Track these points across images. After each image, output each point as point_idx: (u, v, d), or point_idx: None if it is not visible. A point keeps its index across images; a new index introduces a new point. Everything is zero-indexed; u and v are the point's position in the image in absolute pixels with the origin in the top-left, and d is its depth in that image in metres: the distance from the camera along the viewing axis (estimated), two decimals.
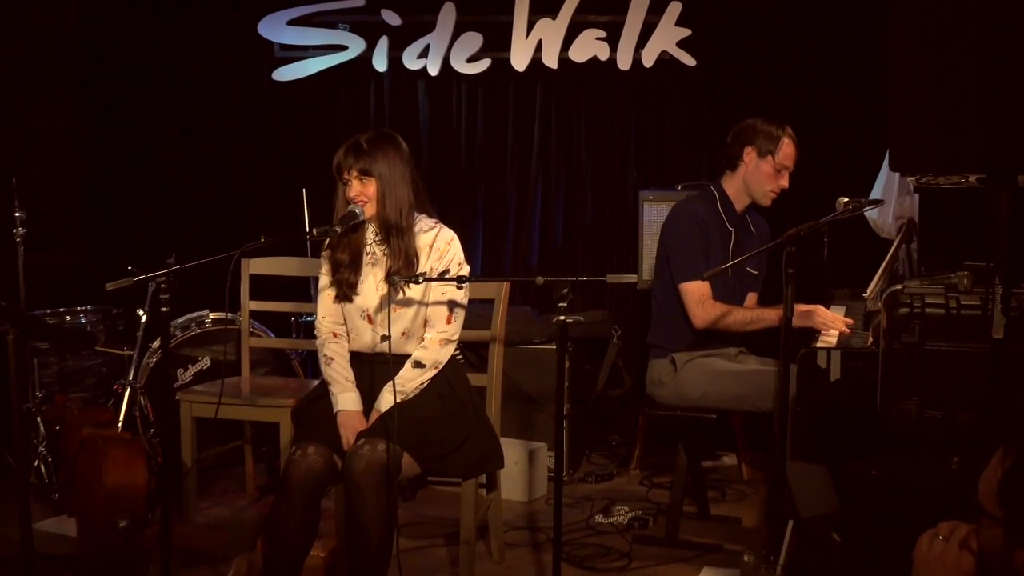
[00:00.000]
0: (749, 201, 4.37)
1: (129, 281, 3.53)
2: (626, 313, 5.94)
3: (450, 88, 6.15)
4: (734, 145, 4.33)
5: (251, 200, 6.31)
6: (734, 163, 4.34)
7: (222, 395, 4.05)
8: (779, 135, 4.27)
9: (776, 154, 4.27)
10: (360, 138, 3.61)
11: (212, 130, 6.30)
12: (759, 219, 4.48)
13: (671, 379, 4.30)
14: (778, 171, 4.29)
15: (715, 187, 4.40)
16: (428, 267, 3.61)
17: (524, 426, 5.10)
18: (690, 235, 4.26)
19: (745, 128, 4.32)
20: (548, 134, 6.10)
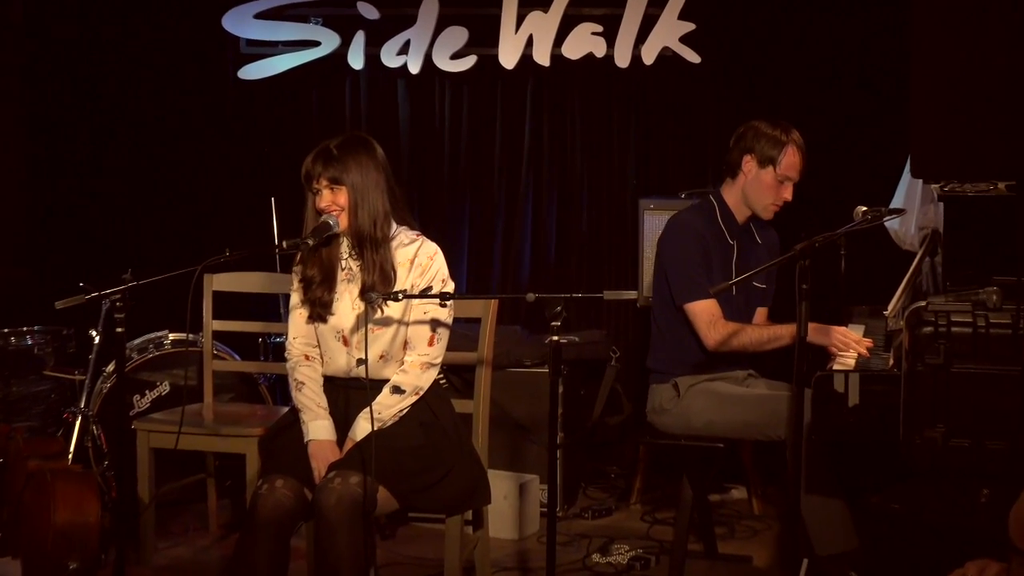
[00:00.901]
0: (751, 212, 4.37)
1: (81, 299, 3.54)
2: (625, 333, 5.94)
3: (432, 87, 6.16)
4: (734, 151, 4.32)
5: (215, 210, 6.31)
6: (734, 171, 4.33)
7: (183, 424, 4.04)
8: (783, 141, 4.24)
9: (778, 164, 4.23)
10: (330, 144, 3.62)
11: (172, 134, 6.30)
12: (765, 228, 4.47)
13: (674, 405, 4.29)
14: (780, 182, 4.27)
15: (714, 196, 4.39)
16: (409, 284, 3.62)
17: (514, 457, 5.09)
18: (689, 250, 4.25)
19: (746, 132, 4.30)
20: (540, 137, 6.11)
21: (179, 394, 5.08)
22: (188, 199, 6.32)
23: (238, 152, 6.32)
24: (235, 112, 6.32)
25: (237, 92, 6.28)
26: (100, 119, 6.31)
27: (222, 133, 6.32)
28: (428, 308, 3.65)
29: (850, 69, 5.68)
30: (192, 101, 6.30)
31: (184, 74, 6.29)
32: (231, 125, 6.33)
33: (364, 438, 3.56)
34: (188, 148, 6.31)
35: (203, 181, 6.33)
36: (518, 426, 5.13)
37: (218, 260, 3.58)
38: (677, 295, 4.25)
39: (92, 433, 5.01)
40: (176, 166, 6.32)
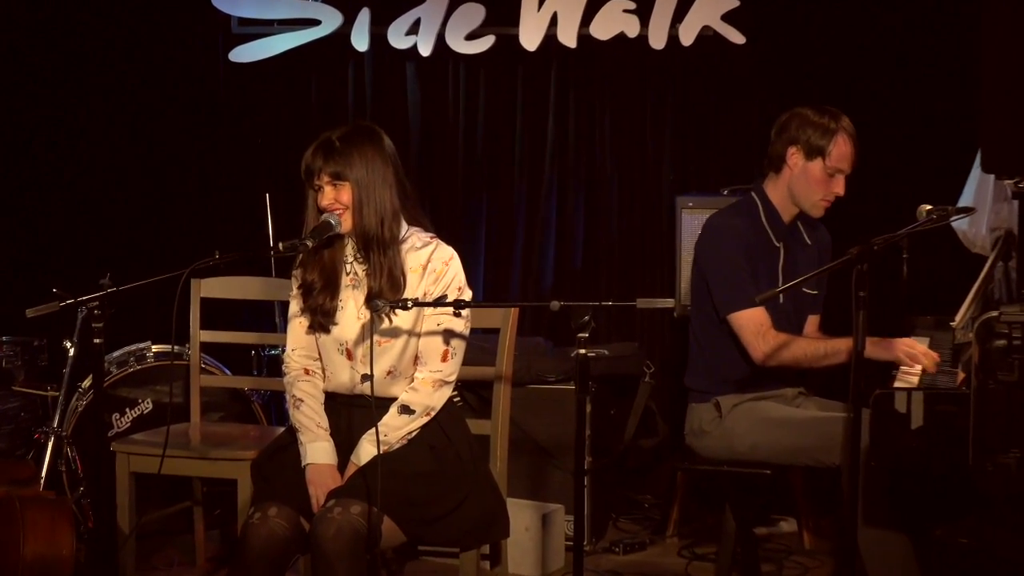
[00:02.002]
0: (798, 210, 4.36)
1: (54, 306, 3.55)
2: (661, 346, 5.94)
3: (446, 72, 6.17)
4: (777, 142, 4.31)
5: (203, 208, 6.33)
6: (777, 165, 4.31)
7: (167, 446, 4.05)
8: (832, 129, 4.21)
9: (828, 155, 4.21)
10: (332, 135, 3.63)
11: (155, 123, 6.32)
12: (815, 227, 4.45)
13: (715, 427, 4.29)
14: (830, 175, 4.26)
15: (757, 194, 4.37)
16: (421, 292, 3.62)
17: (536, 484, 5.10)
18: (732, 254, 4.24)
19: (790, 121, 4.27)
20: (565, 128, 6.11)
21: (163, 413, 5.09)
22: (173, 196, 6.35)
23: (229, 144, 6.34)
24: (225, 99, 6.34)
25: (228, 76, 6.30)
26: (73, 106, 6.33)
27: (211, 122, 6.35)
28: (441, 318, 3.65)
29: (913, 51, 5.67)
30: (177, 86, 6.32)
31: (168, 56, 6.31)
32: (221, 113, 6.35)
33: (368, 463, 3.56)
34: (173, 139, 6.33)
35: (190, 176, 6.35)
36: (540, 450, 5.13)
37: (207, 263, 3.59)
38: (720, 305, 4.24)
39: (66, 456, 5.03)
40: (159, 159, 6.34)
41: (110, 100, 6.32)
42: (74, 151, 6.36)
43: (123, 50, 6.30)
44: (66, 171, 6.35)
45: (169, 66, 6.31)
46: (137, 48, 6.30)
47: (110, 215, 6.34)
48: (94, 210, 6.35)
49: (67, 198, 6.36)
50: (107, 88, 6.31)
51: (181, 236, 6.22)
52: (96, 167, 6.35)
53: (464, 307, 3.57)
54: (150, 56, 6.30)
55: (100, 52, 6.30)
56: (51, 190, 6.37)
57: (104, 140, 6.35)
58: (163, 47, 6.30)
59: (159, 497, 4.86)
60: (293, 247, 3.57)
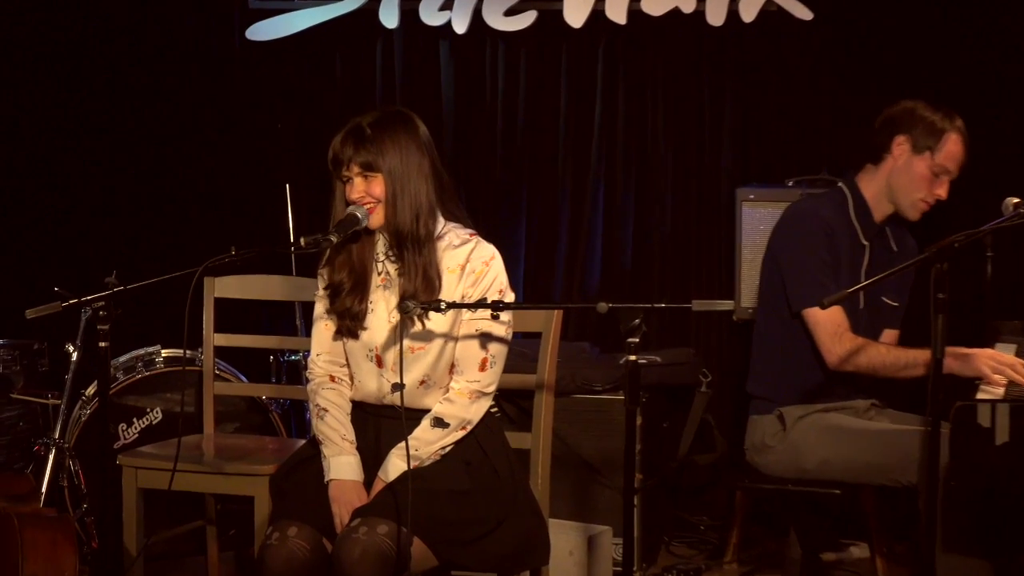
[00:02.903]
0: (892, 209, 4.35)
1: (56, 306, 3.57)
2: (719, 352, 5.92)
3: (483, 51, 6.17)
4: (882, 131, 4.32)
5: (217, 201, 6.35)
6: (878, 155, 4.32)
7: (178, 459, 4.07)
8: (945, 128, 4.25)
9: (937, 151, 4.24)
10: (363, 121, 3.63)
11: (164, 109, 6.35)
12: (903, 234, 4.46)
13: (779, 441, 4.28)
14: (936, 175, 4.27)
15: (848, 186, 4.38)
16: (459, 295, 3.63)
17: (581, 504, 5.09)
18: (815, 245, 4.25)
19: (900, 113, 4.31)
20: (614, 113, 6.10)
21: (174, 423, 5.11)
22: (185, 187, 6.37)
23: (245, 130, 6.36)
24: (241, 81, 6.36)
25: (244, 56, 6.32)
26: (80, 89, 6.37)
27: (225, 107, 6.36)
28: (480, 322, 3.65)
29: (997, 29, 5.62)
30: (188, 67, 6.34)
31: (179, 34, 6.34)
32: (236, 97, 6.36)
33: (398, 479, 3.57)
34: (184, 126, 6.36)
35: (202, 166, 6.37)
36: (586, 466, 5.13)
37: (222, 260, 3.60)
38: (795, 299, 4.25)
39: (69, 469, 5.06)
40: (169, 147, 6.37)
41: (114, 83, 6.35)
42: (77, 140, 6.38)
43: (129, 28, 6.33)
44: (68, 161, 6.39)
45: (179, 45, 6.33)
46: (144, 25, 6.32)
47: (116, 208, 6.37)
48: (99, 203, 6.38)
49: (69, 190, 6.40)
50: (111, 70, 6.34)
51: (193, 231, 6.24)
52: (101, 157, 6.38)
53: (503, 309, 3.57)
54: (158, 35, 6.32)
55: (103, 31, 6.33)
56: (52, 181, 6.40)
57: (109, 128, 6.37)
58: (173, 24, 6.32)
59: (169, 515, 4.87)
60: (316, 243, 3.57)
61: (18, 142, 6.39)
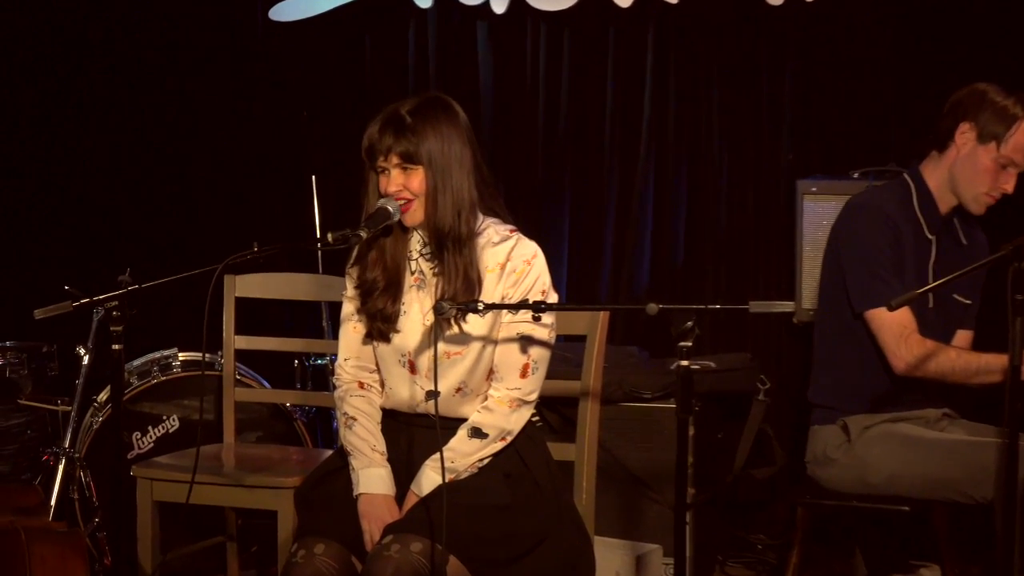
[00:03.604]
0: (957, 201, 4.33)
1: (66, 306, 3.59)
2: (778, 358, 5.90)
3: (523, 33, 6.17)
4: (947, 117, 4.30)
5: (239, 193, 6.37)
6: (942, 143, 4.30)
7: (196, 470, 4.08)
8: (1016, 115, 4.21)
9: (1004, 141, 4.21)
10: (401, 108, 3.62)
11: (181, 95, 6.38)
12: (973, 228, 4.44)
13: (844, 453, 4.27)
14: (1002, 166, 4.24)
15: (912, 176, 4.36)
16: (499, 296, 3.62)
17: (629, 521, 5.09)
18: (878, 240, 4.23)
19: (968, 96, 4.28)
20: (664, 99, 6.09)
21: (192, 432, 5.13)
22: (203, 179, 6.40)
23: (268, 118, 6.38)
24: (264, 65, 6.38)
25: (267, 38, 6.34)
26: (91, 75, 6.41)
27: (247, 93, 6.39)
28: (521, 325, 3.65)
29: None
30: (208, 50, 6.37)
31: (198, 14, 6.36)
32: (258, 82, 6.39)
33: (432, 493, 3.57)
34: (202, 113, 6.39)
35: (223, 156, 6.40)
36: (634, 479, 5.12)
37: (243, 257, 3.61)
38: (857, 298, 4.24)
39: (79, 481, 5.08)
40: (187, 137, 6.40)
41: (127, 69, 6.38)
42: (87, 128, 6.42)
43: (146, 15, 6.35)
44: (78, 152, 6.42)
45: (198, 26, 6.36)
46: (162, 11, 6.35)
47: (130, 201, 6.41)
48: (111, 196, 6.42)
49: (80, 182, 6.43)
50: (124, 56, 6.37)
51: (213, 226, 6.27)
52: (114, 147, 6.41)
53: (545, 310, 3.56)
54: (175, 14, 6.35)
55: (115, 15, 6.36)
56: (61, 173, 6.44)
57: (122, 116, 6.40)
58: (191, 8, 6.35)
59: (187, 531, 4.90)
60: (344, 238, 3.56)
61: (24, 131, 6.43)
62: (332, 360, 5.08)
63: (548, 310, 3.58)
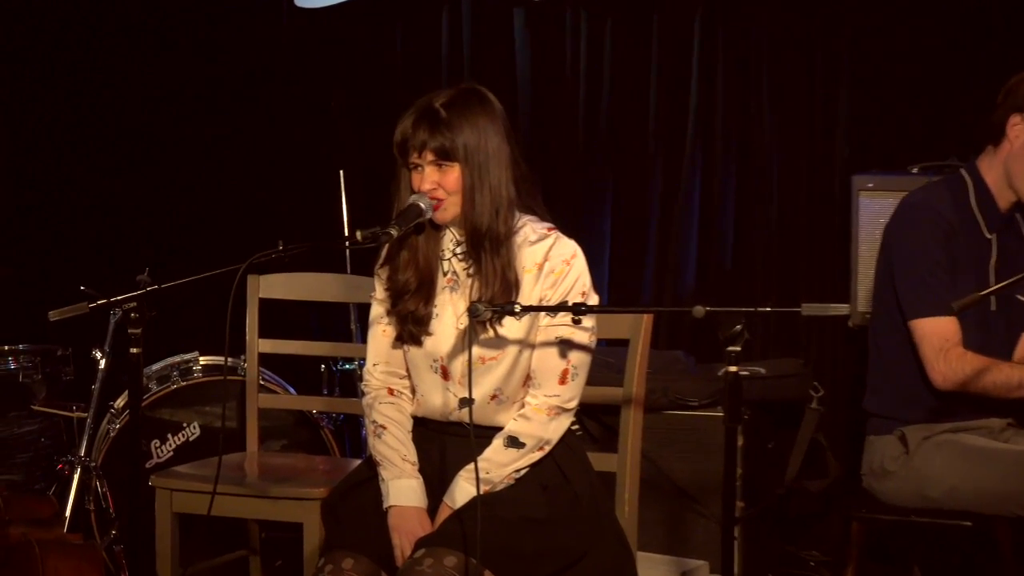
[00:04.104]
0: (1016, 196, 4.32)
1: (82, 307, 3.60)
2: (832, 363, 5.89)
3: (563, 20, 6.17)
4: (999, 108, 4.28)
5: (262, 189, 6.39)
6: (997, 136, 4.30)
7: (218, 480, 4.09)
8: None
9: None
10: (434, 101, 3.62)
11: (204, 86, 6.40)
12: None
13: (901, 465, 4.26)
14: None
15: (969, 171, 4.35)
16: (536, 299, 3.61)
17: (674, 535, 5.09)
18: (928, 244, 4.22)
19: (1017, 87, 4.26)
20: (711, 88, 6.08)
21: (213, 440, 5.14)
22: (226, 175, 6.42)
23: (293, 109, 6.39)
24: (289, 54, 6.39)
25: (293, 25, 6.35)
26: (108, 68, 6.43)
27: (271, 83, 6.40)
28: (560, 329, 3.64)
29: None
30: (230, 38, 6.39)
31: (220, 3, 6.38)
32: (283, 71, 6.40)
33: (466, 505, 3.57)
34: (225, 105, 6.40)
35: (246, 150, 6.41)
36: (679, 492, 5.12)
37: (268, 256, 3.61)
38: (907, 306, 4.22)
39: (96, 491, 5.10)
40: (209, 130, 6.42)
41: (152, 64, 6.39)
42: (104, 121, 6.44)
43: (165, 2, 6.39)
44: (96, 146, 6.45)
45: (220, 13, 6.37)
46: None
47: (149, 198, 6.43)
48: (129, 192, 6.44)
49: (96, 178, 6.46)
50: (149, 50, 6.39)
51: (236, 223, 6.29)
52: (132, 140, 6.44)
53: (586, 312, 3.55)
54: (198, 8, 6.36)
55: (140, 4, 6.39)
56: (76, 169, 6.46)
57: (139, 107, 6.43)
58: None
59: (208, 544, 4.91)
60: (374, 236, 3.55)
61: (38, 123, 6.46)
62: (360, 365, 5.09)
63: (588, 312, 3.57)
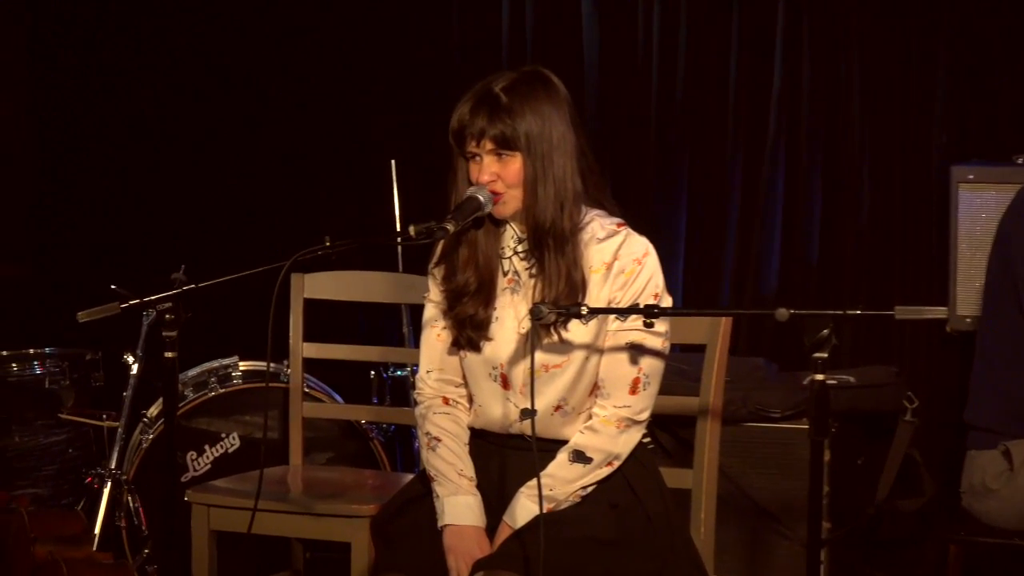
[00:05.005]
0: None
1: (113, 308, 3.61)
2: (928, 372, 5.86)
3: (635, 0, 6.17)
4: None
5: (308, 181, 6.40)
6: None
7: (260, 496, 4.10)
8: None
9: None
10: (494, 85, 3.61)
11: (238, 71, 6.42)
12: None
13: (1005, 483, 4.25)
14: None
15: None
16: (605, 301, 3.61)
17: (754, 558, 5.09)
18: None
19: None
20: (796, 74, 6.06)
21: (254, 452, 5.16)
22: (268, 166, 6.44)
23: (341, 95, 6.40)
24: (337, 35, 6.41)
25: (340, 6, 6.37)
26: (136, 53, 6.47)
27: (315, 67, 6.42)
28: (631, 333, 3.63)
29: None
30: (267, 22, 6.41)
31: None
32: (330, 56, 6.42)
33: (527, 524, 3.56)
34: (267, 91, 6.42)
35: (290, 139, 6.43)
36: (760, 511, 5.11)
37: (313, 253, 3.61)
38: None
39: (127, 506, 5.12)
40: (249, 118, 6.44)
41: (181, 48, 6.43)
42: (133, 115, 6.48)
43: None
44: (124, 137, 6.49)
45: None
46: None
47: (185, 192, 6.46)
48: (162, 186, 6.47)
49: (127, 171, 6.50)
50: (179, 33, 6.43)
51: (279, 218, 6.31)
52: (163, 129, 6.47)
53: (658, 315, 3.53)
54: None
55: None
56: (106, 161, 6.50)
57: (174, 98, 6.45)
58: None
59: (248, 564, 4.93)
60: (429, 232, 3.55)
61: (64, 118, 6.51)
62: (413, 371, 5.09)
63: (661, 316, 3.56)
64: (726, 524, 4.39)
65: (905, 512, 5.44)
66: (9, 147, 6.53)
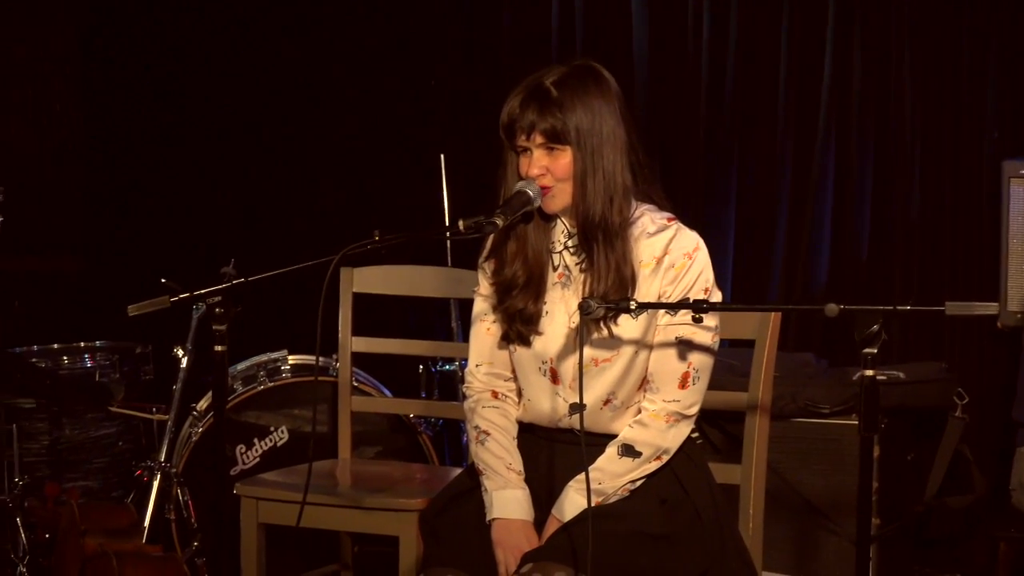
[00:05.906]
0: None
1: (163, 302, 3.63)
2: (979, 368, 5.83)
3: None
4: None
5: (358, 174, 6.41)
6: None
7: (308, 489, 4.11)
8: None
9: None
10: (545, 79, 3.61)
11: (286, 66, 6.43)
12: None
13: None
14: None
15: None
16: (655, 295, 3.60)
17: (802, 554, 5.08)
18: None
19: None
20: (847, 67, 6.04)
21: (303, 445, 5.17)
22: (317, 159, 6.45)
23: (390, 89, 6.41)
24: (386, 28, 6.41)
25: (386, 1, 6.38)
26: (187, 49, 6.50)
27: (363, 60, 6.43)
28: (681, 328, 3.62)
29: None
30: (315, 14, 6.41)
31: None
32: (380, 49, 6.42)
33: (576, 518, 3.56)
34: (315, 84, 6.44)
35: (339, 133, 6.44)
36: (809, 507, 5.09)
37: (362, 247, 3.61)
38: None
39: (176, 499, 5.14)
40: (299, 112, 6.45)
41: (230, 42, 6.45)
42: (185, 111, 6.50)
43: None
44: (173, 132, 6.51)
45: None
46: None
47: (234, 186, 6.48)
48: (214, 181, 6.49)
49: (177, 165, 6.52)
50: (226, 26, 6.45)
51: (328, 212, 6.32)
52: (213, 123, 6.49)
53: (708, 310, 3.53)
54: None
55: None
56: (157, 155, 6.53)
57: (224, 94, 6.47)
58: None
59: (296, 557, 4.94)
60: (478, 226, 3.55)
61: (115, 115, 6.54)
62: (462, 366, 5.10)
63: (711, 310, 3.55)
64: (775, 520, 4.37)
65: (954, 509, 5.41)
66: (61, 142, 6.58)
